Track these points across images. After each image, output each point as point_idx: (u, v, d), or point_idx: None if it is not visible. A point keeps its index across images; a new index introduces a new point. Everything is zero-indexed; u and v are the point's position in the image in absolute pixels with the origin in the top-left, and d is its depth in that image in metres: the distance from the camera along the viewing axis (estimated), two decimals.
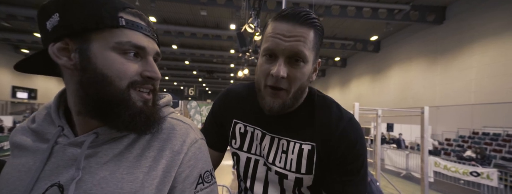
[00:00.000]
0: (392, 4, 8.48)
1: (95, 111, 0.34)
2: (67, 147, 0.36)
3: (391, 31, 10.77)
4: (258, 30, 4.76)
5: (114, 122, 0.35)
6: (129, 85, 0.35)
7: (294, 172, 0.53)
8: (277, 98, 0.49)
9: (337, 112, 0.53)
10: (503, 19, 7.09)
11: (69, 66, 0.34)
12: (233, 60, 15.73)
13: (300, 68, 0.47)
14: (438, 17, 9.03)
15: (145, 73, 0.36)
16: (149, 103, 0.38)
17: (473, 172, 4.27)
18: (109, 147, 0.37)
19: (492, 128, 7.18)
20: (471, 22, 8.00)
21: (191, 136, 0.43)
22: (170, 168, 0.39)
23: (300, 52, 0.45)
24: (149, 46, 0.37)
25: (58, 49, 0.34)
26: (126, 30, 0.34)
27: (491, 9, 7.41)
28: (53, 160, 0.35)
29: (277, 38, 0.46)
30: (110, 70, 0.33)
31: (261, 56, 0.50)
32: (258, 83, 0.51)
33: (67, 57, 0.34)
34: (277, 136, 0.55)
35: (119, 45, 0.34)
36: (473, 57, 8.00)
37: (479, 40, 7.76)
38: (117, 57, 0.34)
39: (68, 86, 0.36)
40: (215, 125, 0.65)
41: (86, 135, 0.36)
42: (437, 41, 9.30)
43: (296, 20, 0.45)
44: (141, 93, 0.37)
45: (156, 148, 0.39)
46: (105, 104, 0.34)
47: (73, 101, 0.36)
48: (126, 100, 0.35)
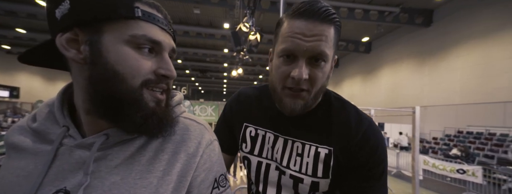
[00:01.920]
0: (383, 6, 8.70)
1: (104, 110, 0.31)
2: (74, 149, 0.33)
3: (382, 33, 11.05)
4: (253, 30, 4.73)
5: (124, 124, 0.32)
6: (143, 84, 0.32)
7: (310, 176, 0.51)
8: (298, 99, 0.47)
9: (356, 115, 0.51)
10: (486, 23, 7.45)
11: (78, 60, 0.31)
12: (226, 60, 15.64)
13: (321, 68, 0.45)
14: (426, 20, 9.35)
15: (160, 71, 0.33)
16: (162, 104, 0.35)
17: (459, 170, 4.46)
18: (120, 149, 0.34)
19: (476, 127, 7.54)
20: (456, 25, 8.36)
21: (206, 137, 0.40)
22: (185, 172, 0.36)
23: (322, 53, 0.43)
24: (165, 41, 0.34)
25: (66, 40, 0.31)
26: (142, 22, 0.31)
27: (475, 13, 7.77)
28: (57, 163, 0.32)
29: (297, 38, 0.43)
30: (122, 66, 0.30)
31: (277, 57, 0.47)
32: (274, 85, 0.49)
33: (76, 49, 0.31)
34: (291, 138, 0.53)
35: (134, 38, 0.31)
36: (458, 59, 8.36)
37: (464, 42, 8.12)
38: (131, 52, 0.31)
39: (76, 82, 0.33)
40: (226, 128, 0.63)
41: (96, 136, 0.33)
42: (425, 43, 9.64)
43: (315, 17, 0.42)
44: (154, 93, 0.34)
45: (170, 151, 0.36)
46: (115, 103, 0.31)
47: (81, 99, 0.33)
48: (138, 100, 0.32)
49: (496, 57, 7.18)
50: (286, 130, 0.54)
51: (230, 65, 16.27)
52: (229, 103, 0.64)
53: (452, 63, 8.57)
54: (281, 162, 0.54)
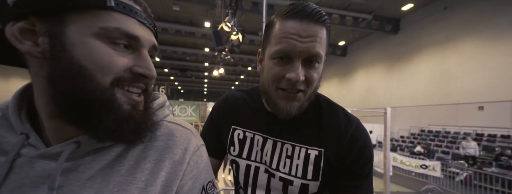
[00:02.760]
0: (357, 12, 9.28)
1: (69, 114, 0.27)
2: (36, 160, 0.28)
3: (356, 38, 11.76)
4: (235, 29, 4.69)
5: (94, 129, 0.27)
6: (114, 83, 0.28)
7: (300, 178, 0.50)
8: (294, 101, 0.46)
9: (344, 117, 0.51)
10: (443, 33, 8.39)
11: (36, 54, 0.26)
12: (207, 59, 15.30)
13: (315, 69, 0.45)
14: (394, 27, 10.20)
15: (136, 69, 0.29)
16: (140, 107, 0.31)
17: (422, 165, 4.92)
18: (94, 158, 0.30)
19: (435, 126, 8.46)
20: (419, 34, 9.26)
21: (193, 142, 0.37)
22: (171, 181, 0.33)
23: (317, 54, 0.43)
24: (144, 37, 0.30)
25: (20, 30, 0.26)
26: (116, 13, 0.27)
27: (434, 23, 8.69)
28: (14, 177, 0.27)
29: (292, 39, 0.42)
30: (90, 61, 0.26)
31: (270, 59, 0.45)
32: (267, 88, 0.48)
33: (33, 41, 0.26)
34: (281, 140, 0.53)
35: (105, 31, 0.26)
36: (421, 64, 9.26)
37: (425, 49, 9.03)
38: (102, 46, 0.27)
39: (35, 81, 0.28)
40: (214, 132, 0.62)
41: (64, 144, 0.28)
42: (394, 49, 10.50)
43: (309, 18, 0.42)
44: (130, 94, 0.30)
45: (153, 158, 0.33)
46: (82, 105, 0.26)
47: (43, 100, 0.28)
48: (110, 100, 0.27)
49: (451, 63, 8.11)
50: (276, 132, 0.53)
51: (211, 64, 15.96)
52: (216, 106, 0.63)
53: (416, 68, 9.47)
54: (270, 165, 0.53)
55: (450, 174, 5.24)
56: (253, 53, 15.48)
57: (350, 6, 9.08)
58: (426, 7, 8.89)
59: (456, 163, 5.80)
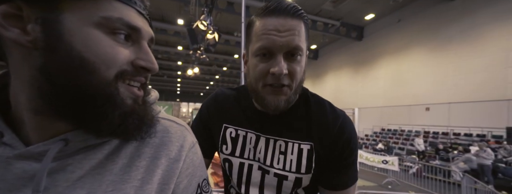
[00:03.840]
0: (327, 18, 9.90)
1: (68, 109, 0.25)
2: (13, 161, 0.25)
3: (326, 42, 12.54)
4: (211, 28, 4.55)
5: (96, 125, 0.26)
6: (117, 76, 0.26)
7: (294, 172, 0.51)
8: (280, 95, 0.46)
9: (331, 110, 0.53)
10: (397, 42, 9.50)
11: (24, 43, 0.23)
12: (181, 58, 14.60)
13: (298, 62, 0.46)
14: (359, 34, 11.16)
15: (139, 62, 0.28)
16: (140, 100, 0.30)
17: (383, 161, 5.47)
18: (84, 157, 0.27)
19: (393, 125, 9.52)
20: (379, 41, 10.31)
21: (188, 139, 0.36)
22: (167, 178, 0.32)
23: (297, 47, 0.44)
24: (144, 28, 0.28)
25: (3, 15, 0.23)
26: (116, 2, 0.25)
27: (391, 33, 9.77)
28: None
29: (272, 35, 0.43)
30: (93, 54, 0.24)
31: (254, 57, 0.46)
32: (255, 84, 0.48)
33: (20, 29, 0.23)
34: (273, 137, 0.53)
35: (107, 21, 0.25)
36: (380, 70, 10.32)
37: (384, 56, 10.09)
38: (103, 37, 0.25)
39: (16, 73, 0.25)
40: (203, 131, 0.60)
41: (48, 143, 0.25)
42: (359, 54, 11.48)
43: (286, 13, 0.43)
44: (131, 88, 0.28)
45: (148, 156, 0.31)
46: (83, 100, 0.24)
47: (26, 95, 0.25)
48: (113, 95, 0.26)
49: (404, 69, 9.22)
50: (268, 129, 0.54)
51: (185, 63, 15.28)
52: (206, 104, 0.62)
53: (377, 72, 10.52)
54: (264, 162, 0.53)
55: (405, 167, 5.92)
56: (229, 53, 15.30)
57: (320, 12, 9.63)
58: (384, 18, 9.95)
59: (409, 157, 6.57)
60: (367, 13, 9.75)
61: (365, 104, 10.87)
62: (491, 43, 6.72)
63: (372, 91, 10.70)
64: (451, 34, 7.65)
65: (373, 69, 10.72)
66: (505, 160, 5.04)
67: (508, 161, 4.96)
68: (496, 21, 6.59)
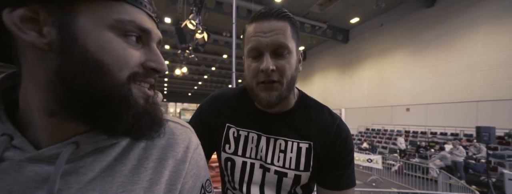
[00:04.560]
0: (314, 21, 10.13)
1: (83, 111, 0.25)
2: (25, 164, 0.25)
3: (314, 44, 12.82)
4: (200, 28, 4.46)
5: (111, 125, 0.27)
6: (130, 78, 0.27)
7: (293, 169, 0.54)
8: (272, 90, 0.49)
9: (328, 113, 0.57)
10: (380, 45, 9.95)
11: (41, 46, 0.24)
12: (168, 57, 14.14)
13: (286, 59, 0.49)
14: (345, 37, 11.54)
15: (149, 64, 0.29)
16: (150, 100, 0.30)
17: (368, 159, 5.70)
18: (95, 159, 0.28)
19: (377, 125, 9.96)
20: (363, 44, 10.73)
21: (193, 141, 0.38)
22: (175, 179, 0.33)
23: (282, 44, 0.47)
24: (154, 31, 0.29)
25: (21, 18, 0.23)
26: (128, 5, 0.26)
27: (374, 37, 10.21)
28: None
29: (258, 37, 0.48)
30: (107, 56, 0.25)
31: (247, 58, 0.51)
32: (250, 84, 0.52)
33: (37, 32, 0.24)
34: (274, 137, 0.56)
35: (120, 24, 0.25)
36: (365, 72, 10.75)
37: (368, 58, 10.53)
38: (117, 39, 0.26)
39: (31, 75, 0.26)
40: (202, 132, 0.60)
41: (60, 146, 0.26)
42: (345, 56, 11.87)
43: (270, 16, 0.48)
44: (143, 88, 0.29)
45: (156, 157, 0.32)
46: (98, 102, 0.25)
47: (40, 97, 0.26)
48: (127, 96, 0.27)
49: (387, 72, 9.69)
50: (269, 129, 0.57)
51: (172, 63, 14.83)
52: (207, 105, 0.63)
53: (361, 74, 10.94)
54: (265, 160, 0.56)
55: (388, 165, 6.20)
56: (217, 53, 15.11)
57: (308, 14, 9.82)
58: (368, 22, 10.38)
59: (391, 156, 6.90)
60: (352, 16, 10.10)
61: (351, 104, 11.26)
62: (462, 49, 7.27)
63: (357, 93, 11.10)
64: (429, 39, 8.16)
65: (358, 71, 11.13)
66: (475, 156, 5.46)
67: (478, 157, 5.39)
68: (465, 28, 7.14)
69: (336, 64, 12.48)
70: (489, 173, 4.51)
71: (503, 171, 4.52)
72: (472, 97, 6.97)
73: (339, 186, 0.54)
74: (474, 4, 6.97)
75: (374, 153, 6.99)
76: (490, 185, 4.36)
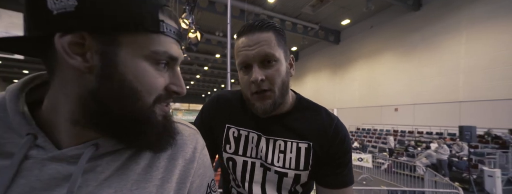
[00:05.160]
0: (306, 22, 10.26)
1: (109, 127, 0.28)
2: (47, 163, 0.27)
3: (306, 44, 12.97)
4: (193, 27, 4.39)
5: (136, 142, 0.30)
6: (155, 101, 0.30)
7: (294, 169, 0.56)
8: (265, 99, 0.52)
9: (326, 114, 0.59)
10: (370, 47, 10.21)
11: (82, 69, 0.26)
12: None
13: (274, 67, 0.51)
14: (336, 38, 11.76)
15: (172, 88, 0.31)
16: (167, 116, 0.33)
17: (359, 158, 5.83)
18: (112, 159, 0.30)
19: (367, 124, 10.24)
20: (354, 46, 10.99)
21: (200, 141, 0.40)
22: (184, 178, 0.35)
23: (268, 54, 0.50)
24: (181, 56, 0.32)
25: (69, 44, 0.25)
26: (163, 36, 0.28)
27: (364, 38, 10.48)
28: (22, 181, 0.26)
29: (244, 50, 0.51)
30: (140, 83, 0.27)
31: (239, 71, 0.54)
32: (245, 94, 0.55)
33: (82, 57, 0.26)
34: (273, 138, 0.58)
35: (155, 55, 0.28)
36: (356, 72, 11.00)
37: (359, 59, 10.78)
38: (150, 68, 0.28)
39: (65, 89, 0.28)
40: (204, 132, 0.61)
41: (81, 147, 0.28)
42: (336, 57, 12.09)
43: (254, 29, 0.51)
44: (163, 107, 0.32)
45: (166, 157, 0.34)
46: (127, 122, 0.28)
47: (69, 108, 0.28)
48: (151, 117, 0.29)
49: (376, 73, 9.96)
50: (268, 131, 0.58)
51: None
52: (207, 106, 0.65)
53: (352, 75, 11.19)
54: (266, 160, 0.57)
55: (377, 164, 6.39)
56: (210, 53, 14.96)
57: (300, 15, 9.93)
58: (358, 24, 10.63)
59: (381, 155, 7.11)
60: (343, 18, 10.31)
61: (342, 104, 11.50)
62: (446, 51, 7.60)
63: (348, 93, 11.35)
64: (415, 42, 8.46)
65: (349, 72, 11.37)
66: (458, 154, 5.74)
67: (460, 155, 5.66)
68: (449, 32, 7.48)
69: (328, 65, 12.70)
70: (470, 170, 4.75)
71: (483, 168, 4.77)
72: (456, 97, 7.31)
73: (338, 184, 0.56)
74: (457, 9, 7.30)
75: (364, 152, 7.18)
76: (471, 182, 4.59)
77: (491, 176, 4.54)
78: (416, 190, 3.01)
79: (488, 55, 6.63)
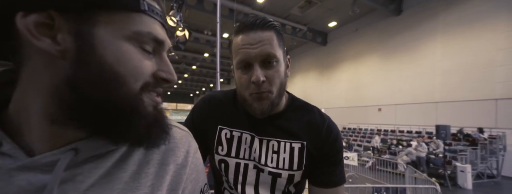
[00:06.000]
0: (295, 23, 10.40)
1: (92, 120, 0.24)
2: (16, 173, 0.24)
3: (295, 45, 13.16)
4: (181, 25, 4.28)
5: (122, 135, 0.26)
6: (143, 88, 0.27)
7: (287, 169, 0.55)
8: (263, 100, 0.51)
9: (318, 114, 0.60)
10: (355, 49, 10.59)
11: (53, 52, 0.23)
12: None
13: (274, 67, 0.50)
14: (323, 40, 12.04)
15: (161, 74, 0.28)
16: (159, 107, 0.30)
17: (345, 157, 6.00)
18: (94, 166, 0.27)
19: (352, 124, 10.62)
20: (340, 48, 11.34)
21: (192, 145, 0.37)
22: (176, 184, 0.32)
23: (270, 54, 0.49)
24: (167, 41, 0.29)
25: (35, 24, 0.22)
26: (145, 16, 0.26)
27: (350, 41, 10.84)
28: None
29: (246, 48, 0.49)
30: (124, 67, 0.24)
31: (237, 69, 0.52)
32: (242, 94, 0.53)
33: (51, 38, 0.23)
34: (267, 138, 0.57)
35: (138, 36, 0.25)
36: (342, 73, 11.34)
37: (345, 61, 11.14)
38: (134, 50, 0.25)
39: (33, 80, 0.24)
40: (196, 134, 0.59)
41: (57, 153, 0.24)
42: (324, 58, 12.39)
43: (256, 27, 0.49)
44: (153, 96, 0.29)
45: (156, 162, 0.32)
46: (112, 111, 0.24)
47: (43, 103, 0.24)
48: (139, 105, 0.26)
49: (361, 74, 10.35)
50: (261, 131, 0.57)
51: None
52: (198, 108, 0.63)
53: (339, 76, 11.54)
54: (259, 161, 0.56)
55: (362, 162, 6.63)
56: (198, 52, 14.68)
57: (289, 16, 10.05)
58: (344, 26, 10.98)
59: (365, 153, 7.39)
60: (330, 20, 10.58)
61: (329, 104, 11.80)
62: (424, 55, 8.07)
63: (335, 93, 11.68)
64: (396, 45, 8.90)
65: (336, 73, 11.71)
66: (435, 152, 6.11)
67: (437, 153, 6.04)
68: (426, 36, 7.96)
69: (316, 66, 12.98)
70: (445, 166, 5.09)
71: (456, 164, 5.13)
72: (432, 98, 7.79)
73: (330, 183, 0.56)
74: (434, 16, 7.79)
75: (350, 150, 7.42)
76: (446, 177, 4.92)
77: (463, 171, 4.90)
78: (398, 186, 3.16)
79: (460, 59, 7.14)
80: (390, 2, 8.54)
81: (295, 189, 0.60)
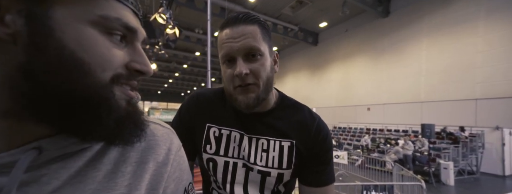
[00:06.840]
0: (286, 23, 10.46)
1: (54, 113, 0.22)
2: None
3: (287, 45, 13.24)
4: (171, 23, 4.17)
5: (87, 130, 0.24)
6: (113, 80, 0.25)
7: (276, 168, 0.55)
8: (248, 93, 0.50)
9: (308, 112, 0.59)
10: (345, 49, 10.80)
11: (1, 36, 0.21)
12: None
13: (259, 61, 0.50)
14: (314, 40, 12.19)
15: (134, 65, 0.26)
16: (132, 102, 0.28)
17: (336, 155, 6.10)
18: (62, 166, 0.25)
19: (343, 123, 10.81)
20: (331, 48, 11.52)
21: (175, 142, 0.36)
22: (156, 183, 0.31)
23: (253, 47, 0.48)
24: (140, 30, 0.28)
25: None
26: (113, 1, 0.24)
27: (340, 41, 11.04)
28: None
29: (229, 42, 0.49)
30: (88, 54, 0.22)
31: (222, 64, 0.52)
32: (228, 89, 0.53)
33: None
34: (256, 136, 0.56)
35: (104, 21, 0.23)
36: (333, 73, 11.53)
37: (335, 61, 11.34)
38: (100, 37, 0.23)
39: None
40: (184, 132, 0.58)
41: (17, 152, 0.22)
42: (315, 58, 12.55)
43: (238, 22, 0.49)
44: (125, 90, 0.27)
45: (134, 160, 0.30)
46: (76, 103, 0.22)
47: None
48: (109, 98, 0.24)
49: (351, 74, 10.57)
50: (250, 129, 0.57)
51: None
52: (186, 105, 0.62)
53: (329, 76, 11.73)
54: (248, 159, 0.56)
55: (352, 160, 6.77)
56: (189, 50, 14.42)
57: (280, 16, 10.08)
58: (334, 27, 11.16)
59: (355, 152, 7.56)
60: (321, 21, 10.72)
61: (320, 104, 11.98)
62: (410, 56, 8.36)
63: (326, 93, 11.87)
64: (384, 46, 9.16)
65: (326, 73, 11.89)
66: (420, 150, 6.34)
67: (422, 150, 6.27)
68: (412, 38, 8.23)
69: (307, 65, 13.13)
70: (430, 164, 5.29)
71: (439, 161, 5.35)
72: (418, 98, 8.09)
73: (320, 183, 0.56)
74: (420, 18, 8.07)
75: (340, 149, 7.56)
76: (430, 174, 5.12)
77: (446, 168, 5.11)
78: (386, 184, 3.24)
79: (443, 60, 7.45)
80: (378, 4, 8.76)
81: (284, 188, 0.59)
